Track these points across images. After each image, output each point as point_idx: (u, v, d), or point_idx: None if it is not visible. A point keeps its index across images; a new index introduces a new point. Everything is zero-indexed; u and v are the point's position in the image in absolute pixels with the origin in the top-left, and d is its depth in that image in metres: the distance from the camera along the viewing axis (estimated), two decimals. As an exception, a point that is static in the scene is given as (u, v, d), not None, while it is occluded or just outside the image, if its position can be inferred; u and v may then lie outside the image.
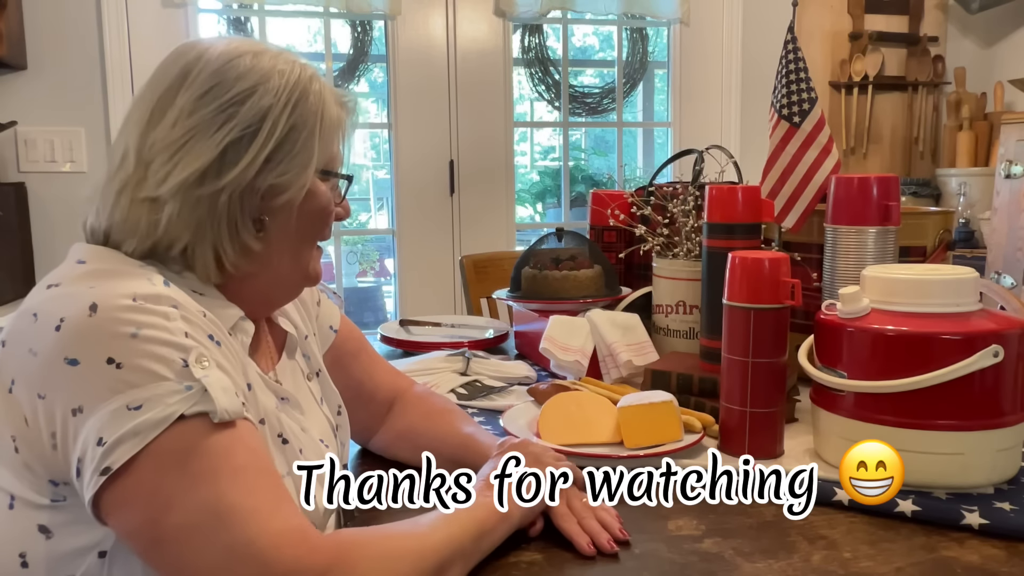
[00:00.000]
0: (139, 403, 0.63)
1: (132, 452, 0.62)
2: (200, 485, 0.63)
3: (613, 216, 1.49)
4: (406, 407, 1.07)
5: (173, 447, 0.63)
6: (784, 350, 0.99)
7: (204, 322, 0.71)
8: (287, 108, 0.77)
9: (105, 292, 0.67)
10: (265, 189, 0.77)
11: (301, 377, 0.93)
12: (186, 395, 0.64)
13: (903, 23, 3.32)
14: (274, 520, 0.64)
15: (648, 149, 3.46)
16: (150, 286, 0.69)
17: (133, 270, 0.72)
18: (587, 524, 0.81)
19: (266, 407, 0.79)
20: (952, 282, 0.90)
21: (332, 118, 0.82)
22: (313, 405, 0.92)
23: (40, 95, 2.59)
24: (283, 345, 0.92)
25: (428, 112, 2.96)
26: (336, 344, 1.05)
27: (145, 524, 0.64)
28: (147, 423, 0.63)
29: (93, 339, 0.64)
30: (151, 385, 0.64)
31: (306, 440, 0.84)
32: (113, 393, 0.63)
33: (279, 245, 0.81)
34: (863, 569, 0.75)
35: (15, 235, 2.46)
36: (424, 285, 3.01)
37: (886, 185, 1.12)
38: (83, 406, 0.64)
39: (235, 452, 0.66)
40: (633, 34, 3.21)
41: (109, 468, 0.63)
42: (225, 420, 0.66)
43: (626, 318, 1.33)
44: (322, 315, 1.04)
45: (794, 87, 1.31)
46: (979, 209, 2.98)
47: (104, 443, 0.63)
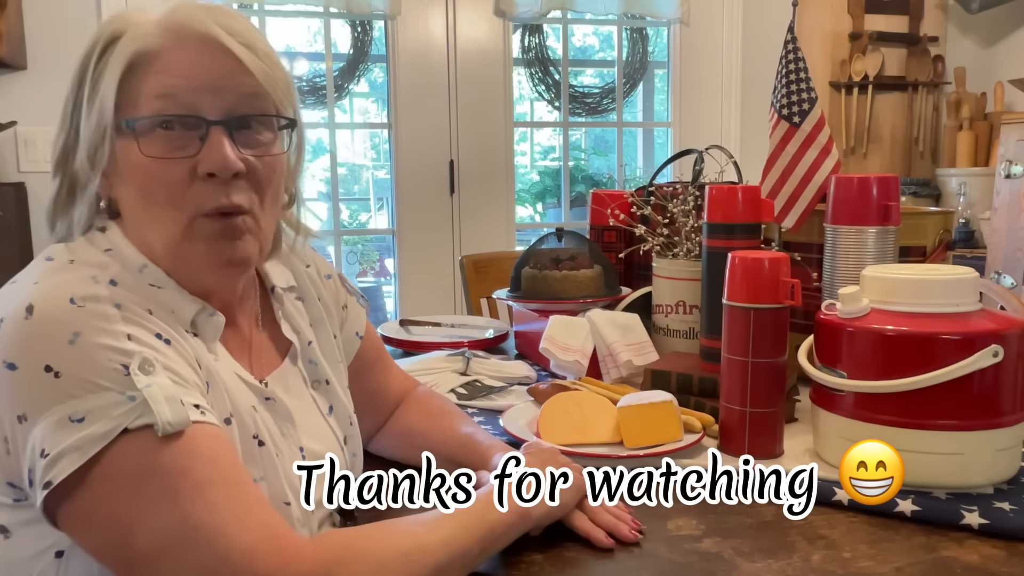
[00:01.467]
0: (81, 415, 0.61)
1: (74, 466, 0.60)
2: (161, 508, 0.61)
3: (613, 216, 1.49)
4: (407, 407, 1.06)
5: (125, 466, 0.61)
6: (784, 350, 0.99)
7: (150, 320, 0.68)
8: (90, 59, 0.74)
9: (43, 293, 0.64)
10: (80, 152, 0.74)
11: (303, 386, 0.88)
12: (129, 407, 0.62)
13: (903, 23, 3.33)
14: (244, 533, 0.62)
15: (648, 149, 3.46)
16: (92, 285, 0.66)
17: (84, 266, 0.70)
18: (601, 519, 0.80)
19: (238, 405, 0.75)
20: (952, 282, 0.90)
21: (133, 55, 0.71)
22: (315, 415, 0.88)
23: (40, 95, 2.58)
24: (287, 351, 0.88)
25: (428, 112, 2.96)
26: (359, 353, 1.01)
27: (111, 546, 0.62)
28: (89, 437, 0.60)
29: (29, 344, 0.62)
30: (92, 396, 0.61)
31: (285, 446, 0.79)
32: (54, 403, 0.61)
33: (130, 215, 0.75)
34: (863, 569, 0.75)
35: (15, 235, 2.46)
36: (424, 285, 3.01)
37: (886, 185, 1.12)
38: (26, 414, 0.62)
39: (192, 467, 0.63)
40: (633, 34, 3.21)
41: (51, 482, 0.60)
42: (169, 432, 0.62)
43: (626, 318, 1.33)
44: (349, 320, 0.99)
45: (794, 87, 1.31)
46: (979, 209, 2.98)
47: (47, 455, 0.61)
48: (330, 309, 0.96)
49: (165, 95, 0.71)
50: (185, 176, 0.72)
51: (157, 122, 0.71)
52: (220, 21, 0.73)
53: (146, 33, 0.72)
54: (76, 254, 0.72)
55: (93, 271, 0.69)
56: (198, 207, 0.72)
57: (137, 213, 0.74)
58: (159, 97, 0.71)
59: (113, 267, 0.71)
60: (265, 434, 0.77)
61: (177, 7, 0.74)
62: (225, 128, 0.72)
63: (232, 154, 0.72)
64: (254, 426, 0.76)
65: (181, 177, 0.71)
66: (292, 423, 0.82)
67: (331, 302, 0.96)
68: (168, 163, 0.71)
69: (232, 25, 0.73)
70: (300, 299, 0.92)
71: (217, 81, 0.72)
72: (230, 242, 0.74)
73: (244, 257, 0.76)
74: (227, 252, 0.74)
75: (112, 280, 0.69)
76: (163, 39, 0.72)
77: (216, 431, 0.67)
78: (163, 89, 0.71)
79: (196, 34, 0.72)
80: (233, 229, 0.74)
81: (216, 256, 0.74)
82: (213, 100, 0.72)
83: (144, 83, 0.71)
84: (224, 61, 0.72)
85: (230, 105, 0.73)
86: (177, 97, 0.71)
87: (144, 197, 0.73)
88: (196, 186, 0.72)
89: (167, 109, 0.71)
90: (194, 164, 0.72)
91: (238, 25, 0.74)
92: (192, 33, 0.72)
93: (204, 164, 0.71)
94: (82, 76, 0.74)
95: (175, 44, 0.72)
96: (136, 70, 0.71)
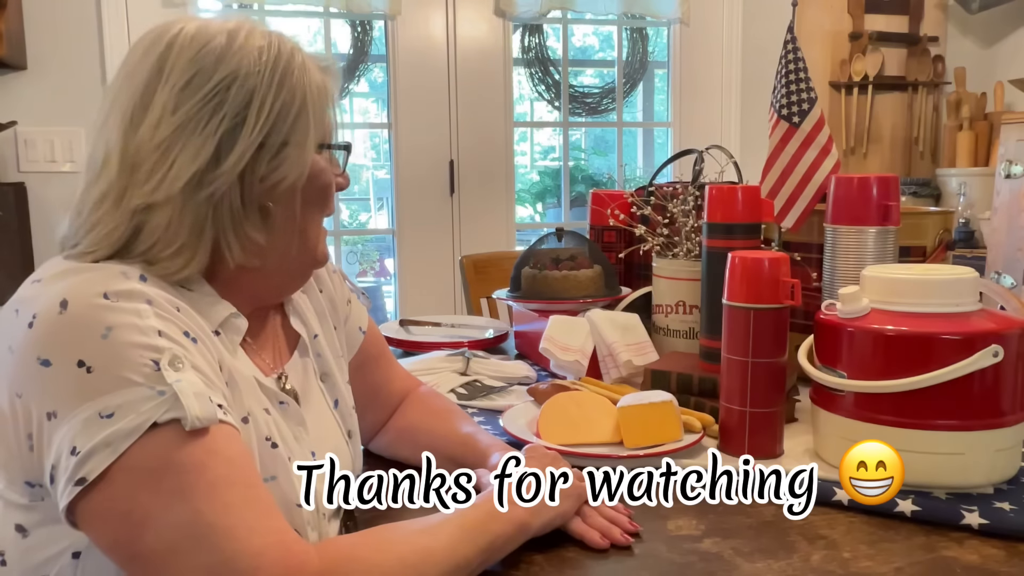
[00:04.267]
0: (111, 411, 0.61)
1: (106, 463, 0.61)
2: (174, 504, 0.61)
3: (613, 216, 1.49)
4: (408, 405, 1.06)
5: (146, 461, 0.61)
6: (784, 350, 0.99)
7: (178, 317, 0.68)
8: (273, 87, 0.73)
9: (76, 288, 0.64)
10: (264, 175, 0.73)
11: (313, 377, 0.89)
12: (159, 401, 0.62)
13: (903, 23, 3.32)
14: (253, 538, 0.62)
15: (648, 149, 3.46)
16: (124, 281, 0.66)
17: (110, 265, 0.69)
18: (594, 521, 0.81)
19: (253, 407, 0.75)
20: (952, 282, 0.90)
21: (319, 88, 0.77)
22: (323, 407, 0.89)
23: (40, 95, 2.59)
24: (296, 343, 0.89)
25: (428, 112, 2.96)
26: (362, 347, 1.02)
27: (122, 541, 0.62)
28: (120, 432, 0.61)
29: (63, 339, 0.62)
30: (122, 391, 0.62)
31: (297, 449, 0.80)
32: (84, 400, 0.61)
33: (286, 230, 0.77)
34: (863, 569, 0.75)
35: (15, 235, 2.46)
36: (424, 285, 3.01)
37: (886, 185, 1.12)
38: (56, 411, 0.62)
39: (210, 465, 0.63)
40: (633, 34, 3.21)
41: (84, 479, 0.61)
42: (197, 427, 0.63)
43: (626, 318, 1.33)
44: (352, 316, 1.01)
45: (794, 87, 1.31)
46: (979, 209, 2.98)
47: (78, 452, 0.61)
48: (334, 303, 0.97)
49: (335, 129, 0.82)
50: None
51: (340, 147, 0.84)
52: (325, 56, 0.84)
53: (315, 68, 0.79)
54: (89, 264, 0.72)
55: (121, 267, 0.68)
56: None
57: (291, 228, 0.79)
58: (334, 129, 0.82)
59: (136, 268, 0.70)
60: (277, 436, 0.77)
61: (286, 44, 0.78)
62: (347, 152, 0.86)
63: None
64: (267, 428, 0.76)
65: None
66: (304, 427, 0.83)
67: (335, 296, 0.98)
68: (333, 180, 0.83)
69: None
70: (304, 292, 0.93)
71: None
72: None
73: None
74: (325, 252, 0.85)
75: (142, 276, 0.68)
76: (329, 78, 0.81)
77: (235, 432, 0.67)
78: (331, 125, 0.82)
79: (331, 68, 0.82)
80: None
81: (326, 256, 0.85)
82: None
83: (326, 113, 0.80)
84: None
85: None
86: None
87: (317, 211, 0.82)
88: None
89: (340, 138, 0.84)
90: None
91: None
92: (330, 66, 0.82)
93: (343, 182, 0.85)
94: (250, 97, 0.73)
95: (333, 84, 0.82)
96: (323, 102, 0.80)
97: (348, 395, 0.94)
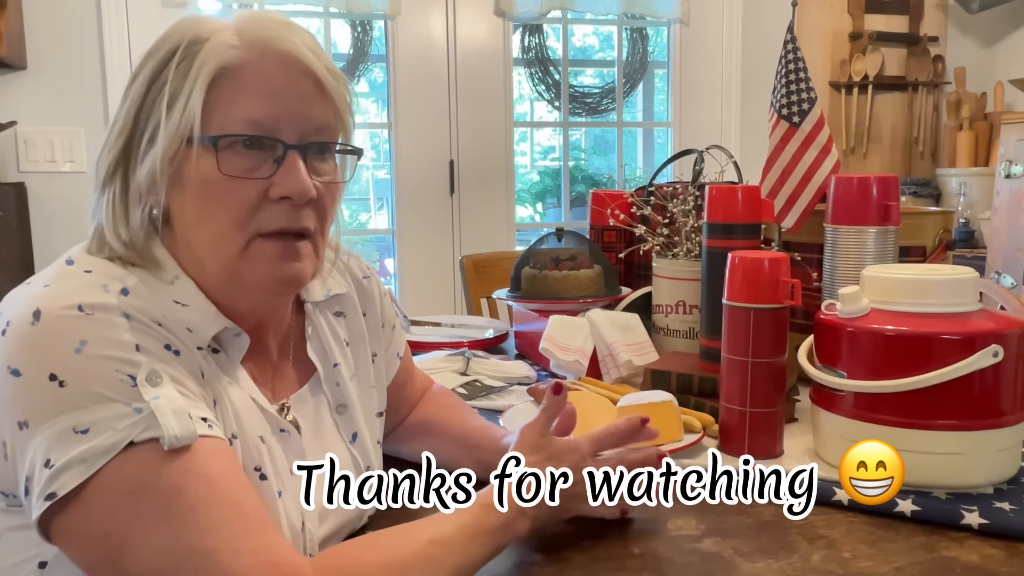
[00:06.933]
0: (86, 426, 0.59)
1: (80, 479, 0.59)
2: (153, 528, 0.60)
3: (613, 216, 1.49)
4: (424, 403, 1.07)
5: (123, 482, 0.60)
6: (784, 350, 0.99)
7: (159, 331, 0.65)
8: (169, 64, 0.69)
9: (51, 298, 0.62)
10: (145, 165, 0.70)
11: (326, 410, 0.85)
12: (136, 419, 0.60)
13: (903, 23, 3.33)
14: (238, 559, 0.60)
15: (648, 149, 3.46)
16: (101, 294, 0.64)
17: (98, 276, 0.67)
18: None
19: (245, 431, 0.73)
20: (952, 282, 0.90)
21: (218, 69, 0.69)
22: (336, 442, 0.85)
23: (40, 95, 2.59)
24: (310, 375, 0.85)
25: (428, 112, 2.96)
26: (397, 371, 1.00)
27: (102, 564, 0.61)
28: (95, 450, 0.59)
29: (34, 350, 0.60)
30: (97, 407, 0.60)
31: (290, 484, 0.76)
32: (58, 413, 0.60)
33: (183, 228, 0.72)
34: (863, 569, 0.75)
35: (15, 235, 2.46)
36: (424, 285, 3.01)
37: (886, 185, 1.12)
38: (28, 421, 0.60)
39: (188, 486, 0.61)
40: (633, 34, 3.21)
41: (55, 494, 0.59)
42: (176, 447, 0.61)
43: (626, 318, 1.33)
44: (394, 341, 0.99)
45: (794, 87, 1.31)
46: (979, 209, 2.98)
47: (51, 466, 0.59)
48: (376, 328, 0.93)
49: (251, 118, 0.69)
50: (255, 197, 0.70)
51: (239, 140, 0.69)
52: (303, 40, 0.72)
53: (230, 44, 0.70)
54: (95, 264, 0.69)
55: (105, 280, 0.66)
56: (259, 227, 0.71)
57: (192, 227, 0.71)
58: (246, 118, 0.69)
59: (131, 278, 0.68)
60: (269, 468, 0.74)
61: (254, 17, 0.72)
62: (301, 153, 0.72)
63: (308, 181, 0.71)
64: (258, 457, 0.73)
65: (252, 198, 0.70)
66: (304, 460, 0.79)
67: (379, 320, 0.94)
68: (243, 183, 0.70)
69: (312, 44, 0.73)
70: (341, 313, 0.90)
71: (298, 105, 0.71)
72: (289, 263, 0.73)
73: (302, 278, 0.75)
74: (287, 272, 0.73)
75: (124, 290, 0.66)
76: (248, 53, 0.70)
77: (220, 445, 0.65)
78: (249, 112, 0.69)
79: (280, 52, 0.71)
80: (294, 251, 0.73)
81: (274, 276, 0.73)
82: (292, 123, 0.71)
83: (229, 100, 0.69)
84: (306, 84, 0.72)
85: (306, 131, 0.72)
86: (262, 121, 0.70)
87: (207, 213, 0.70)
88: (265, 208, 0.71)
89: (249, 129, 0.69)
90: (267, 186, 0.70)
91: (315, 44, 0.73)
92: (276, 50, 0.71)
93: (279, 188, 0.70)
94: (155, 79, 0.70)
95: (259, 60, 0.70)
96: (220, 84, 0.69)
97: (375, 429, 0.91)
